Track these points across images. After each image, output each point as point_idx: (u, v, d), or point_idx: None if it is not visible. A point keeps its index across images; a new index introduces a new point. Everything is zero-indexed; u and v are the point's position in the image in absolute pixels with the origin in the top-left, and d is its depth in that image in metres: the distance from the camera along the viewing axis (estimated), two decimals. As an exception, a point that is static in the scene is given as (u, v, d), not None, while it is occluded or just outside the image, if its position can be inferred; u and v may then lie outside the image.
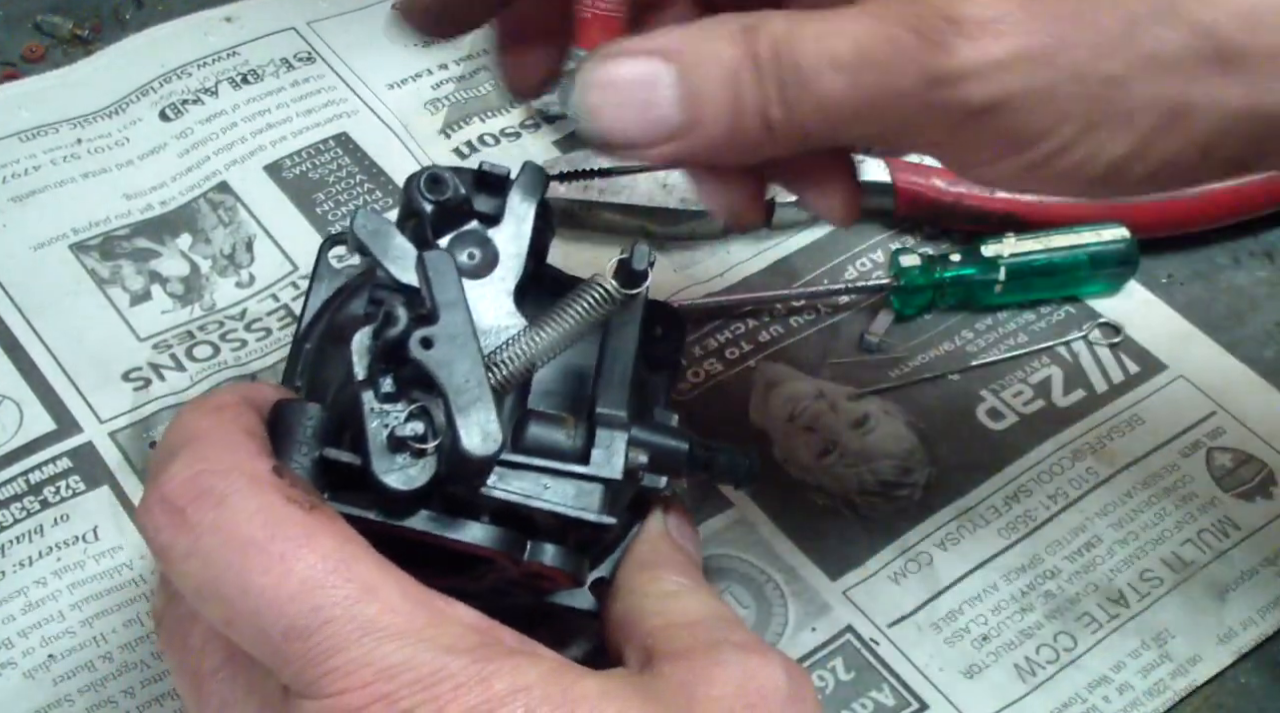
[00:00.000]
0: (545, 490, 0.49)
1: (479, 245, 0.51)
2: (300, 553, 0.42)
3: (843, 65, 0.43)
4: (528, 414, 0.51)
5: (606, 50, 0.47)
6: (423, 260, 0.47)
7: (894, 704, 0.60)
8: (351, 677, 0.41)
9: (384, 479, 0.46)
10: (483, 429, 0.45)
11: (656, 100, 0.45)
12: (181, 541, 0.43)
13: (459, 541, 0.48)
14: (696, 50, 0.45)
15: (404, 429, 0.46)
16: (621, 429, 0.50)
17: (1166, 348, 0.72)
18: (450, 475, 0.46)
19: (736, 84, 0.45)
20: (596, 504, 0.49)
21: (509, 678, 0.41)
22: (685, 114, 0.45)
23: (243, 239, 0.75)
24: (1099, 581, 0.63)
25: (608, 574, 0.54)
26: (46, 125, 0.79)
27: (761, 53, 0.44)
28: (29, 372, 0.69)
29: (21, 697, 0.58)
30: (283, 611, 0.41)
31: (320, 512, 0.44)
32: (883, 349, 0.71)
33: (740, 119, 0.45)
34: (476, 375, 0.45)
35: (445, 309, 0.46)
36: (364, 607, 0.42)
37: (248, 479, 0.43)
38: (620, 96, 0.46)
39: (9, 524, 0.63)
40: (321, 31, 0.85)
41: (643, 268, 0.49)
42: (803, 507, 0.65)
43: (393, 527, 0.47)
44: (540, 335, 0.49)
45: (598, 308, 0.49)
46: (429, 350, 0.46)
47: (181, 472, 0.44)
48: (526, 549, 0.49)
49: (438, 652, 0.41)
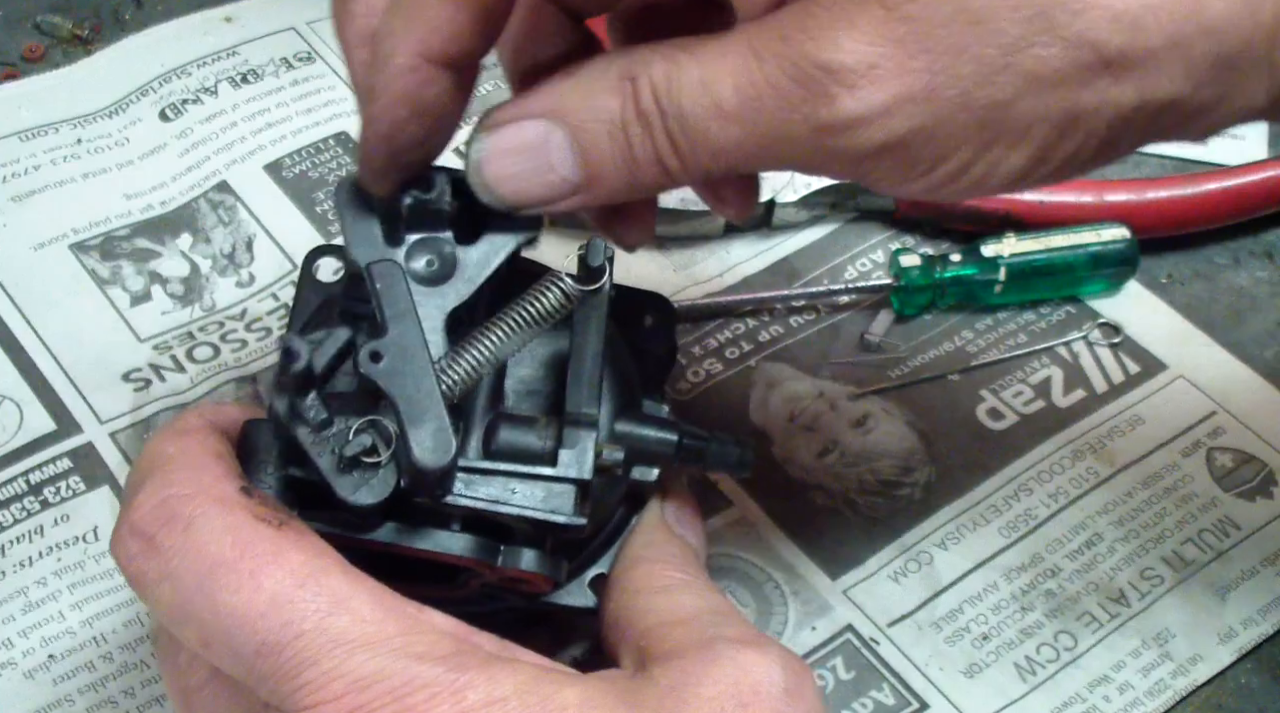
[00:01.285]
0: (513, 495, 0.48)
1: (439, 254, 0.49)
2: (269, 570, 0.42)
3: (729, 115, 0.43)
4: (499, 417, 0.50)
5: (493, 119, 0.47)
6: (370, 271, 0.47)
7: (894, 704, 0.60)
8: (324, 689, 0.41)
9: (352, 499, 0.46)
10: (435, 440, 0.45)
11: (552, 163, 0.46)
12: (153, 566, 0.43)
13: (429, 551, 0.48)
14: (580, 108, 0.46)
15: (352, 447, 0.46)
16: (590, 428, 0.50)
17: (1166, 348, 0.72)
18: (412, 486, 0.46)
19: (627, 138, 0.45)
20: (568, 506, 0.49)
21: (484, 688, 0.41)
22: (582, 172, 0.46)
23: (243, 239, 0.75)
24: (1099, 579, 0.63)
25: (607, 570, 0.54)
26: (46, 125, 0.79)
27: (644, 104, 0.44)
28: (29, 372, 0.69)
29: (21, 697, 0.58)
30: (254, 628, 0.41)
31: (289, 528, 0.44)
32: (883, 349, 0.71)
33: (636, 170, 0.46)
34: (426, 386, 0.45)
35: (394, 321, 0.46)
36: (335, 619, 0.42)
37: (214, 501, 0.44)
38: (516, 166, 0.46)
39: (9, 524, 0.63)
40: (321, 31, 0.85)
41: (599, 263, 0.49)
42: (803, 506, 0.65)
43: (361, 540, 0.47)
44: (492, 338, 0.48)
45: (554, 306, 0.49)
46: (378, 364, 0.45)
47: (149, 499, 0.44)
48: (500, 555, 0.49)
49: (410, 660, 0.41)
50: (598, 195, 0.47)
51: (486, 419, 0.50)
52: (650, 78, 0.44)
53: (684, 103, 0.44)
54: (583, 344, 0.51)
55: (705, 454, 0.55)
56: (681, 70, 0.44)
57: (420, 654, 0.42)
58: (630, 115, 0.45)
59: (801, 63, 0.42)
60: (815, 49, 0.42)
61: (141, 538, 0.43)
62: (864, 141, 0.43)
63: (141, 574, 0.43)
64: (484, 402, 0.50)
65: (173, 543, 0.43)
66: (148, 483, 0.44)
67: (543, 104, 0.46)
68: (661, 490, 0.55)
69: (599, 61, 0.46)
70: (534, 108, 0.46)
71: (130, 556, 0.44)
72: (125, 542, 0.44)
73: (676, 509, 0.55)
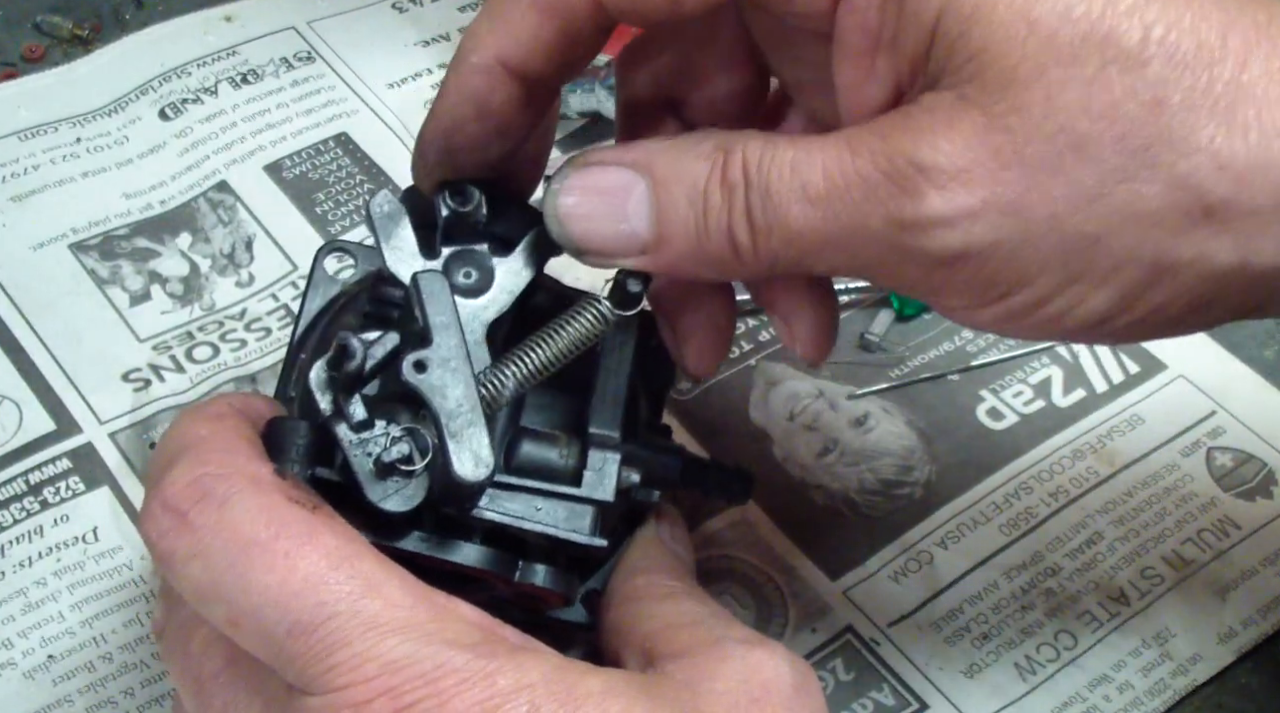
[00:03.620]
0: (537, 512, 0.49)
1: (478, 267, 0.50)
2: (304, 550, 0.42)
3: (812, 197, 0.43)
4: (521, 432, 0.50)
5: (586, 158, 0.47)
6: (416, 281, 0.47)
7: (894, 704, 0.60)
8: (356, 671, 0.41)
9: (382, 505, 0.46)
10: (475, 454, 0.45)
11: (627, 213, 0.46)
12: (184, 543, 0.43)
13: (451, 561, 0.48)
14: (669, 165, 0.46)
15: (390, 454, 0.45)
16: (614, 450, 0.50)
17: (1166, 348, 0.72)
18: (442, 498, 0.46)
19: (705, 202, 0.45)
20: (588, 526, 0.49)
21: (513, 675, 0.41)
22: (655, 230, 0.46)
23: (242, 239, 0.75)
24: (1099, 578, 0.63)
25: (599, 586, 0.54)
26: (46, 124, 0.79)
27: (732, 174, 0.45)
28: (29, 372, 0.69)
29: (21, 697, 0.58)
30: (287, 607, 0.41)
31: (323, 511, 0.44)
32: (883, 349, 0.71)
33: (705, 238, 0.45)
34: (470, 400, 0.45)
35: (439, 332, 0.46)
36: (368, 602, 0.42)
37: (249, 481, 0.44)
38: (593, 205, 0.47)
39: (9, 525, 0.63)
40: (321, 31, 0.85)
41: (637, 290, 0.49)
42: (803, 506, 0.65)
43: (386, 547, 0.47)
44: (532, 356, 0.48)
45: (591, 329, 0.49)
46: (422, 374, 0.45)
47: (183, 476, 0.44)
48: (518, 569, 0.49)
49: (441, 646, 0.41)
50: (663, 260, 0.47)
51: (508, 433, 0.50)
52: (744, 151, 0.45)
53: (770, 179, 0.44)
54: (611, 366, 0.51)
55: (707, 480, 0.56)
56: (776, 150, 0.44)
57: (450, 641, 0.42)
58: (715, 182, 0.45)
59: (895, 158, 0.42)
60: (910, 146, 0.42)
61: (174, 514, 0.43)
62: (943, 244, 0.43)
63: (171, 551, 0.43)
64: (506, 415, 0.50)
65: (206, 520, 0.43)
66: (181, 460, 0.44)
67: (634, 155, 0.47)
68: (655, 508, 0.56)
69: (700, 131, 0.47)
70: (626, 157, 0.47)
71: (161, 532, 0.43)
72: (157, 517, 0.43)
73: (669, 527, 0.56)
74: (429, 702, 0.40)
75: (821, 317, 0.53)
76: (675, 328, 0.54)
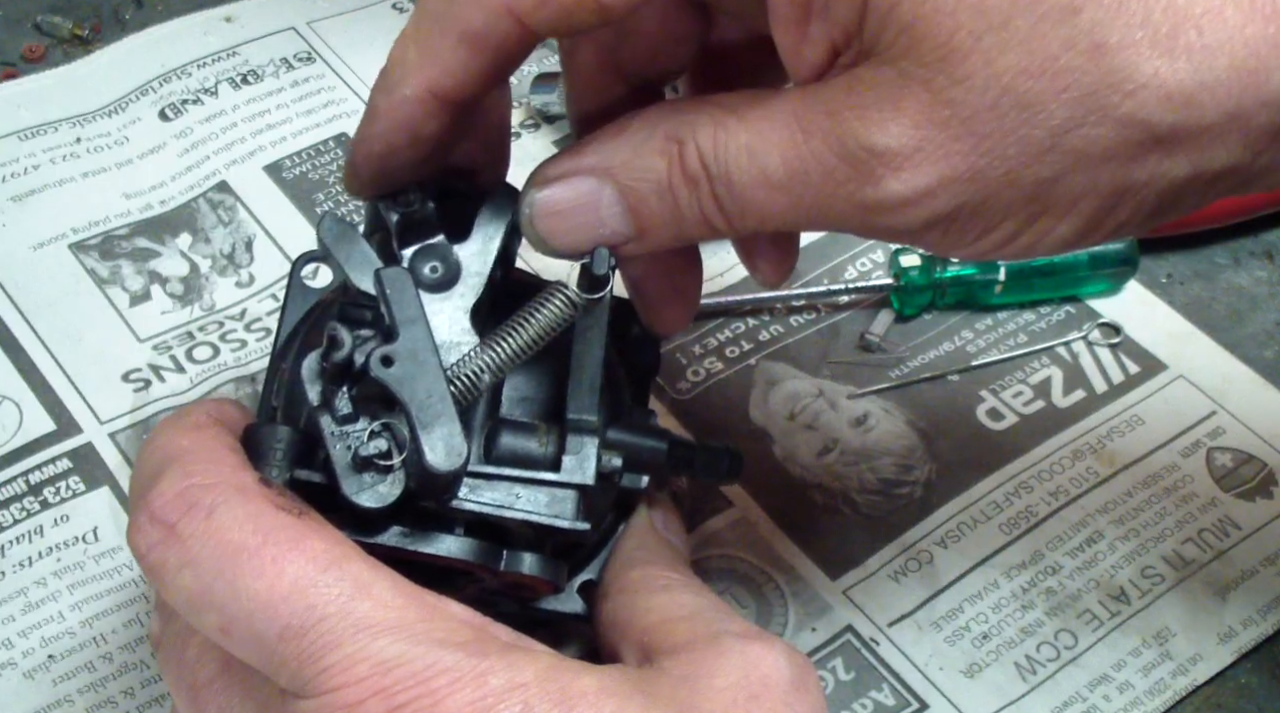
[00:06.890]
0: (517, 500, 0.49)
1: (442, 259, 0.50)
2: (291, 555, 0.42)
3: (775, 185, 0.44)
4: (500, 423, 0.51)
5: (543, 174, 0.49)
6: (380, 277, 0.47)
7: (894, 704, 0.60)
8: (347, 673, 0.41)
9: (355, 500, 0.46)
10: (446, 444, 0.45)
11: (604, 218, 0.48)
12: (174, 554, 0.43)
13: (433, 554, 0.48)
14: (626, 166, 0.47)
15: (367, 448, 0.46)
16: (592, 434, 0.50)
17: (1166, 348, 0.72)
18: (420, 490, 0.46)
19: (674, 197, 0.46)
20: (570, 511, 0.49)
21: (505, 674, 0.41)
22: (633, 226, 0.48)
23: (242, 239, 0.75)
24: (1100, 577, 0.63)
25: (595, 576, 0.54)
26: (46, 124, 0.79)
27: (690, 167, 0.46)
28: (29, 372, 0.69)
29: (21, 697, 0.58)
30: (277, 612, 0.42)
31: (309, 517, 0.44)
32: (883, 349, 0.71)
33: (684, 226, 0.47)
34: (438, 391, 0.46)
35: (404, 326, 0.46)
36: (358, 604, 0.42)
37: (235, 490, 0.44)
38: (568, 221, 0.48)
39: (9, 525, 0.63)
40: (321, 31, 0.85)
41: (604, 272, 0.49)
42: (803, 505, 0.65)
43: (373, 546, 0.47)
44: (501, 346, 0.48)
45: (559, 315, 0.49)
46: (389, 368, 0.46)
47: (170, 488, 0.44)
48: (503, 559, 0.49)
49: (432, 646, 0.41)
50: (649, 245, 0.48)
51: (486, 425, 0.50)
52: (696, 142, 0.45)
53: (731, 170, 0.45)
54: (584, 352, 0.51)
55: (694, 461, 0.56)
56: (729, 135, 0.45)
57: (441, 640, 0.42)
58: (677, 178, 0.46)
59: (848, 142, 0.43)
60: (861, 129, 0.43)
61: (162, 526, 0.43)
62: (909, 220, 0.44)
63: (162, 563, 0.43)
64: (484, 408, 0.51)
65: (194, 530, 0.43)
66: (166, 473, 0.44)
67: (591, 161, 0.48)
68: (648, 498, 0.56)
69: (647, 118, 0.47)
70: (583, 164, 0.48)
71: (151, 544, 0.43)
72: (145, 530, 0.44)
73: (663, 516, 0.56)
74: (421, 702, 0.41)
75: (782, 246, 0.55)
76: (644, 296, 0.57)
